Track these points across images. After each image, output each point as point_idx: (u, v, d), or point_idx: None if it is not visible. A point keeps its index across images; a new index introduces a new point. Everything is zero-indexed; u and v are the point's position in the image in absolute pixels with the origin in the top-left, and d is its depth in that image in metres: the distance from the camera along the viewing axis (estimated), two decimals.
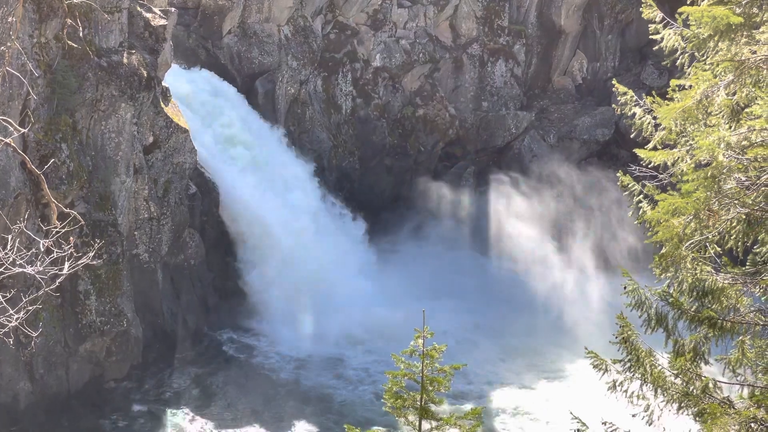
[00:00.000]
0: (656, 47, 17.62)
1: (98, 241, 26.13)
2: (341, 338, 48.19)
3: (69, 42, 40.14)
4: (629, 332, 15.88)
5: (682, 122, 16.26)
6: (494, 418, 42.44)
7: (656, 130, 17.15)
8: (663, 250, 15.99)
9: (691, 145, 16.07)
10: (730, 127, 15.71)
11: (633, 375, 16.00)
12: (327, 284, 50.74)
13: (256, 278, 50.67)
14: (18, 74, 30.12)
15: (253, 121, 53.64)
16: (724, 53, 15.83)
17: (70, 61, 41.03)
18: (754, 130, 15.08)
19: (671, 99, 16.74)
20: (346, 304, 49.63)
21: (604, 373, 16.28)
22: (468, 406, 34.94)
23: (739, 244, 15.55)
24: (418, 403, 17.30)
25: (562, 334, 48.04)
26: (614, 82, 18.89)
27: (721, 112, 15.98)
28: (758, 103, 15.08)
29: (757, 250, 15.99)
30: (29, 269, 15.39)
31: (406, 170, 60.43)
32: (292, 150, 55.08)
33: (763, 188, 15.11)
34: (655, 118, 17.06)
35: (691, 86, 16.34)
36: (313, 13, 57.44)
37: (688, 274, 15.70)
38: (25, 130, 19.92)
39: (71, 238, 16.17)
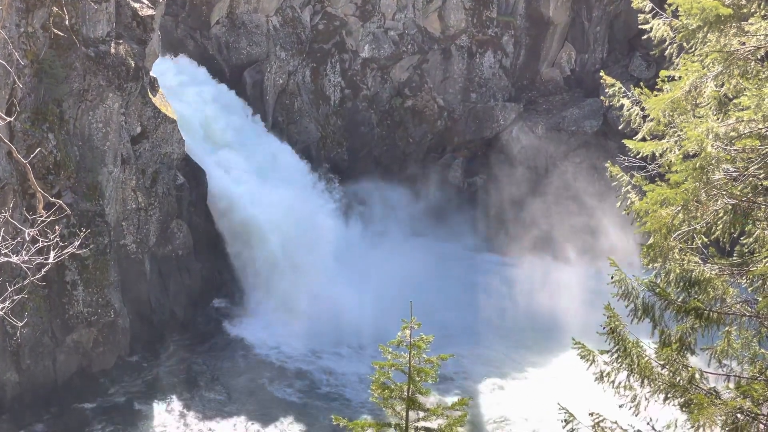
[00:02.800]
0: (645, 37, 17.62)
1: (84, 231, 26.06)
2: (330, 330, 48.12)
3: (56, 31, 39.98)
4: (616, 323, 15.88)
5: (671, 113, 16.26)
6: (481, 408, 42.49)
7: (644, 122, 17.16)
8: (651, 241, 16.00)
9: (679, 136, 16.08)
10: (719, 118, 15.72)
11: (620, 365, 16.00)
12: (315, 274, 50.70)
13: (243, 269, 50.63)
14: (5, 63, 29.95)
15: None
16: (713, 44, 15.84)
17: (57, 50, 40.88)
18: (743, 121, 15.10)
19: (659, 90, 16.75)
20: (334, 296, 49.59)
21: (591, 364, 16.29)
22: (455, 397, 34.94)
23: (726, 235, 15.57)
24: (405, 394, 17.29)
25: (550, 325, 48.08)
26: (602, 73, 18.85)
27: (709, 103, 15.99)
28: (746, 95, 15.10)
29: (744, 241, 16.01)
30: (14, 259, 15.32)
31: (395, 161, 60.38)
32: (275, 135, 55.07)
33: (750, 179, 15.13)
34: (643, 109, 17.07)
35: (679, 77, 16.34)
36: (301, 3, 57.29)
37: (676, 265, 15.72)
38: (11, 119, 19.80)
39: (57, 227, 16.11)
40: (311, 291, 49.47)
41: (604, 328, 16.05)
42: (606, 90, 17.72)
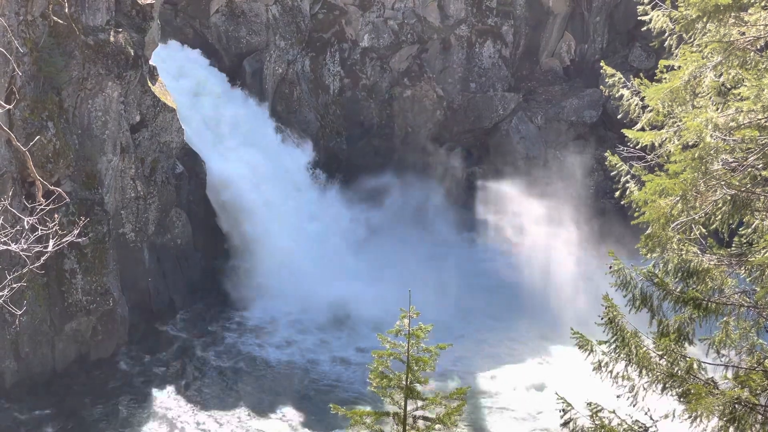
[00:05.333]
0: (644, 28, 17.60)
1: (83, 219, 26.08)
2: (327, 319, 48.18)
3: (55, 19, 39.92)
4: (615, 313, 15.89)
5: (670, 103, 16.25)
6: (479, 398, 42.53)
7: (643, 112, 17.15)
8: (649, 231, 16.01)
9: (678, 126, 16.08)
10: (718, 109, 15.71)
11: (618, 356, 16.01)
12: (313, 264, 50.75)
13: (242, 258, 50.64)
14: (4, 51, 29.87)
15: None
16: (712, 34, 15.82)
17: (56, 39, 40.84)
18: (742, 111, 15.09)
19: (659, 80, 16.74)
20: (332, 285, 49.65)
21: (589, 354, 16.29)
22: (453, 386, 34.99)
23: (725, 225, 15.58)
24: (404, 383, 17.31)
25: (549, 315, 48.12)
26: (602, 63, 18.84)
27: (708, 93, 15.98)
28: (746, 85, 15.09)
29: (743, 232, 16.02)
30: (14, 247, 15.30)
31: (394, 151, 60.34)
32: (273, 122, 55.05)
33: (749, 169, 15.13)
34: (642, 99, 17.06)
35: (679, 67, 16.33)
36: None
37: (674, 255, 15.72)
38: (11, 107, 19.78)
39: (56, 215, 16.10)
40: (310, 280, 49.51)
41: (602, 318, 16.05)
42: (606, 80, 17.71)
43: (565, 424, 16.34)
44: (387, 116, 60.18)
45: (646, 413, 16.26)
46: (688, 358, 15.82)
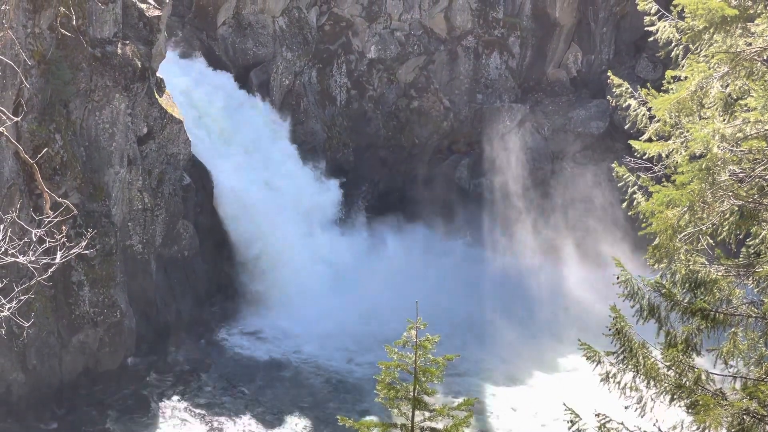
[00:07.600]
0: (651, 39, 17.63)
1: (91, 231, 26.11)
2: (335, 333, 48.14)
3: (63, 31, 40.03)
4: (622, 323, 15.86)
5: (677, 114, 16.28)
6: (486, 409, 42.48)
7: (651, 122, 17.18)
8: (657, 241, 16.01)
9: (685, 136, 16.10)
10: (725, 120, 15.73)
11: (626, 366, 15.97)
12: (320, 276, 50.75)
13: (249, 270, 50.64)
14: (12, 64, 29.92)
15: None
16: (719, 45, 15.84)
17: (64, 51, 40.94)
18: (749, 122, 15.11)
19: (666, 91, 16.76)
20: (338, 297, 49.65)
21: (597, 365, 16.26)
22: (460, 398, 34.90)
23: (732, 236, 15.57)
24: (411, 394, 17.28)
25: (556, 326, 48.08)
26: (609, 73, 18.88)
27: (715, 104, 16.00)
28: (753, 96, 15.11)
29: (750, 242, 16.01)
30: (21, 259, 15.34)
31: (401, 162, 60.39)
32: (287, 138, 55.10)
33: (757, 180, 15.13)
34: (649, 109, 17.09)
35: (686, 78, 16.35)
36: (308, 4, 57.33)
37: (682, 266, 15.71)
38: (18, 119, 19.86)
39: (63, 227, 16.14)
40: (317, 292, 49.50)
41: (610, 329, 16.03)
42: (613, 90, 17.75)
43: None
44: (394, 127, 60.22)
45: (654, 424, 16.23)
46: (696, 369, 15.79)
